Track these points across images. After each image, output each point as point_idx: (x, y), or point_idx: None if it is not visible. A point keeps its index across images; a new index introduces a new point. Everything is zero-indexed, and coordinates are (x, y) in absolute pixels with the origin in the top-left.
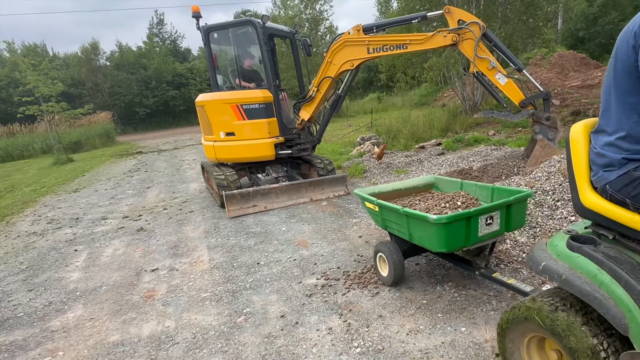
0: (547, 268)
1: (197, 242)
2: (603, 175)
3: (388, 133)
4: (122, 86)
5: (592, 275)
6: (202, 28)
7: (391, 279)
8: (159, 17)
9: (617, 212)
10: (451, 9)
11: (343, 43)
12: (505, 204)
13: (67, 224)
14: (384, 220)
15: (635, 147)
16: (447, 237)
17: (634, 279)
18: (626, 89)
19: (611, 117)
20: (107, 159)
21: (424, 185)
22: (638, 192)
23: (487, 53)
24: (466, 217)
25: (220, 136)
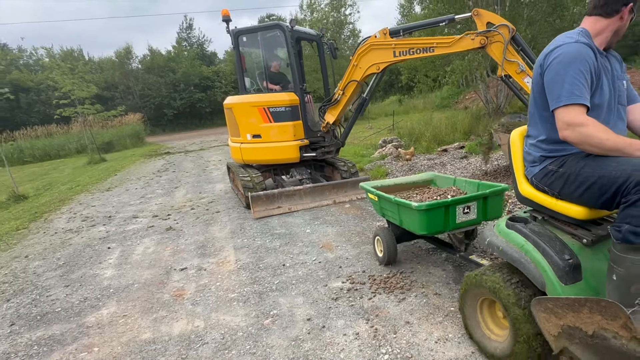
0: (490, 242)
1: (223, 242)
2: (530, 170)
3: (410, 136)
4: (152, 89)
5: (520, 246)
6: (232, 32)
7: (385, 258)
8: (188, 22)
9: (541, 198)
10: (480, 12)
11: (369, 46)
12: (481, 196)
13: (100, 221)
14: (382, 208)
15: (549, 147)
16: (427, 221)
17: (549, 248)
18: (541, 105)
19: (534, 125)
20: (137, 159)
21: (424, 181)
22: (552, 181)
23: (516, 56)
24: (444, 205)
25: (247, 138)
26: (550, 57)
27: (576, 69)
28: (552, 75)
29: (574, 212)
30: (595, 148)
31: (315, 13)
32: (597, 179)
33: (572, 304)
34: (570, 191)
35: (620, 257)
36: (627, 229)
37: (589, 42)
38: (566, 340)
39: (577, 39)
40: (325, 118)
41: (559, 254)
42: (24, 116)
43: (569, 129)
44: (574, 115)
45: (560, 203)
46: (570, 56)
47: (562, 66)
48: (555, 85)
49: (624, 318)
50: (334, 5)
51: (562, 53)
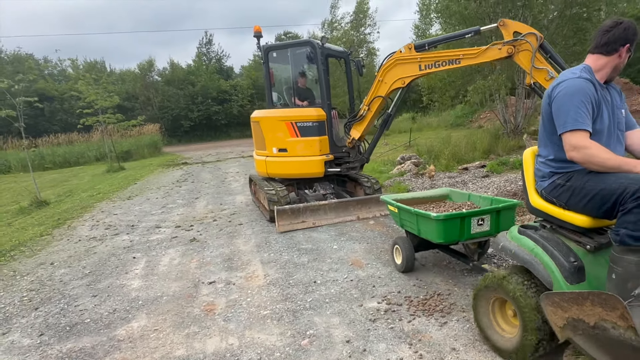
0: (504, 247)
1: (249, 256)
2: (540, 184)
3: (429, 153)
4: (171, 100)
5: (530, 249)
6: (262, 47)
7: (404, 266)
8: (208, 38)
9: (550, 208)
10: (506, 22)
11: (395, 61)
12: (494, 210)
13: (123, 230)
14: (401, 219)
15: (557, 165)
16: (444, 231)
17: (557, 251)
18: (550, 129)
19: (543, 146)
20: (155, 169)
21: (440, 195)
22: (560, 194)
23: (544, 64)
24: (460, 216)
25: (273, 152)
26: (556, 90)
27: (578, 100)
28: (559, 105)
29: (579, 221)
30: (598, 166)
31: (335, 32)
32: (599, 191)
33: (576, 298)
34: (575, 202)
35: (619, 257)
36: (624, 232)
37: (590, 77)
38: (570, 331)
39: (580, 74)
40: (351, 134)
41: (565, 257)
42: (46, 124)
43: (574, 151)
44: (579, 139)
45: (567, 213)
46: (574, 89)
47: (567, 97)
48: (561, 114)
49: (621, 309)
50: (354, 24)
51: (567, 86)
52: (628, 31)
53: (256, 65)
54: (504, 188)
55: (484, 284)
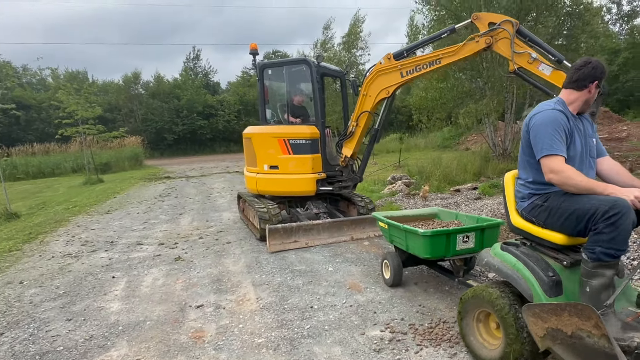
0: (487, 262)
1: (239, 277)
2: (520, 204)
3: (420, 174)
4: (155, 113)
5: (512, 265)
6: (258, 64)
7: (392, 280)
8: (196, 53)
9: (529, 227)
10: (479, 15)
11: (376, 73)
12: (479, 228)
13: (102, 247)
14: (391, 235)
15: (535, 186)
16: (431, 247)
17: (537, 266)
18: (528, 154)
19: (523, 169)
20: (137, 182)
21: (429, 214)
22: (538, 213)
23: (524, 47)
24: (446, 233)
25: (264, 168)
26: (533, 120)
27: (552, 128)
28: (535, 133)
29: (556, 239)
30: (573, 188)
31: (327, 52)
32: (573, 211)
33: (555, 309)
34: (553, 221)
35: (592, 272)
36: (600, 250)
37: (562, 109)
38: (550, 341)
39: (554, 107)
40: (343, 152)
41: (544, 271)
42: (21, 133)
43: (553, 174)
44: (556, 163)
45: (545, 231)
46: (548, 119)
47: (542, 127)
48: (538, 141)
49: (595, 319)
50: (346, 46)
51: (542, 117)
52: (596, 70)
53: (244, 81)
54: (498, 211)
55: (469, 297)
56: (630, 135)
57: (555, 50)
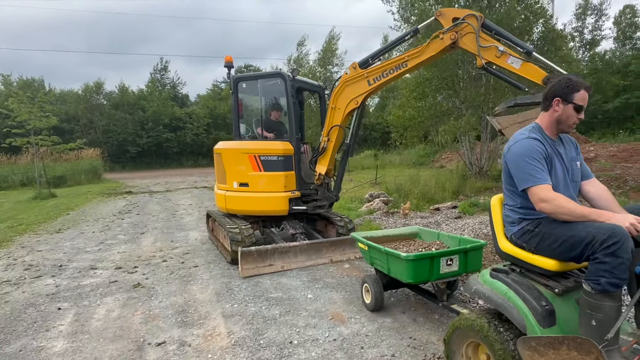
0: (477, 290)
1: (208, 306)
2: (510, 229)
3: (399, 192)
4: (118, 125)
5: (503, 293)
6: (232, 78)
7: (373, 305)
8: (164, 64)
9: (519, 253)
10: (442, 11)
11: (343, 84)
12: (462, 250)
13: (48, 272)
14: (371, 257)
15: (525, 211)
16: (414, 271)
17: (529, 295)
18: (510, 182)
19: (509, 195)
20: (94, 197)
21: (409, 234)
22: (529, 239)
23: (491, 41)
24: (429, 257)
25: (234, 186)
26: (510, 152)
27: (530, 157)
28: (514, 165)
29: (548, 265)
30: (567, 216)
31: (301, 68)
32: (568, 237)
33: (553, 342)
34: (544, 247)
35: (598, 304)
36: (605, 281)
37: (537, 135)
38: None
39: (529, 135)
40: (317, 170)
41: (537, 300)
42: None
43: (543, 203)
44: (545, 192)
45: (536, 257)
46: (523, 149)
47: (520, 157)
48: (518, 172)
49: (596, 353)
50: (321, 62)
51: (518, 147)
52: (556, 87)
53: (215, 94)
54: (480, 230)
55: (457, 326)
56: (597, 155)
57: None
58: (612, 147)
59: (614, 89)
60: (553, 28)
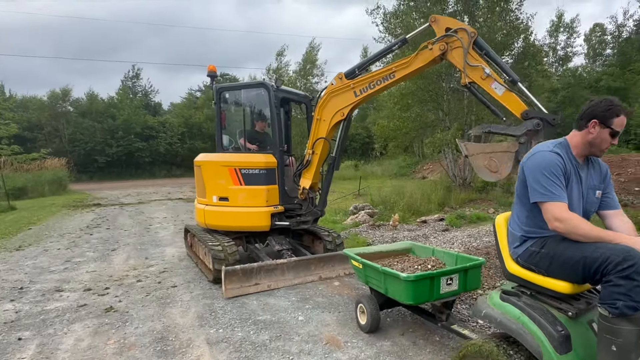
0: (487, 314)
1: (190, 332)
2: (514, 250)
3: (384, 204)
4: (85, 133)
5: (516, 318)
6: (215, 88)
7: (369, 326)
8: (136, 71)
9: (528, 275)
10: (437, 17)
11: (328, 95)
12: (463, 269)
13: (6, 295)
14: (366, 276)
15: (529, 229)
16: (414, 292)
17: (544, 320)
18: (522, 192)
19: (516, 211)
20: (59, 210)
21: (403, 249)
22: (537, 261)
23: (479, 61)
24: (430, 277)
25: (213, 200)
26: (530, 160)
27: (549, 172)
28: (532, 176)
29: (561, 288)
30: (582, 237)
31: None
32: (580, 258)
33: None
34: (556, 269)
35: (617, 329)
36: (622, 304)
37: (561, 151)
38: None
39: (552, 149)
40: (301, 184)
41: (553, 325)
42: None
43: (558, 222)
44: (560, 210)
45: (548, 280)
46: (544, 162)
47: (538, 170)
48: (534, 183)
49: None
50: (302, 73)
51: (537, 159)
52: (595, 108)
53: (190, 103)
54: (469, 244)
55: (466, 353)
56: None
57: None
58: None
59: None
60: (533, 43)
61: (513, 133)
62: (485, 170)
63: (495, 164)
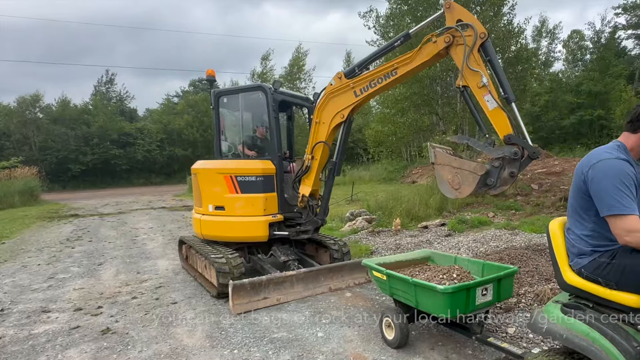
0: (550, 330)
1: (202, 355)
2: (577, 261)
3: (382, 209)
4: (57, 141)
5: (585, 334)
6: (213, 92)
7: (397, 341)
8: (109, 77)
9: (592, 287)
10: (453, 5)
11: (327, 96)
12: (497, 278)
13: None
14: (391, 288)
15: (597, 242)
16: (451, 304)
17: (617, 335)
18: (583, 206)
19: (576, 221)
20: (33, 222)
21: (422, 257)
22: (607, 273)
23: (481, 66)
24: (467, 288)
25: (209, 209)
26: (593, 170)
27: (619, 182)
28: (598, 187)
29: (631, 301)
30: None
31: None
32: None
33: None
34: (628, 281)
35: None
36: None
37: (626, 157)
38: None
39: (617, 155)
40: (300, 191)
41: (627, 341)
42: None
43: (629, 236)
44: (631, 223)
45: (616, 293)
46: (613, 171)
47: (607, 180)
48: (603, 196)
49: None
50: (288, 78)
51: (604, 167)
52: None
53: (168, 109)
54: (477, 249)
55: None
56: (564, 169)
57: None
58: (575, 160)
59: (569, 106)
60: (526, 47)
61: (489, 154)
62: (446, 185)
63: (458, 181)
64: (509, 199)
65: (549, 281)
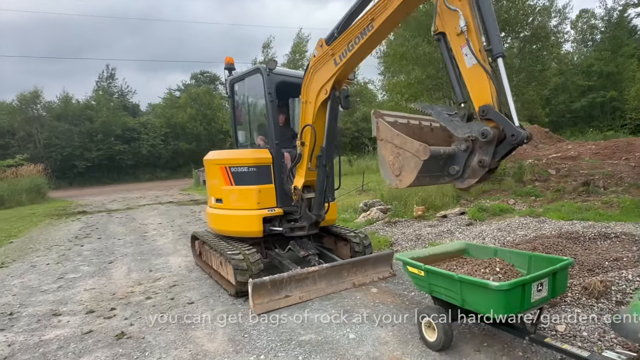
0: None
1: None
2: None
3: (399, 199)
4: (61, 138)
5: None
6: (227, 80)
7: (440, 344)
8: (110, 72)
9: None
10: None
11: (312, 71)
12: (552, 272)
13: None
14: (431, 285)
15: None
16: (506, 302)
17: None
18: None
19: None
20: (41, 220)
21: (457, 250)
22: None
23: (463, 4)
24: (522, 284)
25: (212, 202)
26: None
27: None
28: None
29: None
30: None
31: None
32: None
33: None
34: None
35: None
36: None
37: None
38: None
39: None
40: (294, 182)
41: None
42: None
43: None
44: None
45: None
46: None
47: None
48: None
49: None
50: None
51: None
52: None
53: (170, 103)
54: (503, 239)
55: None
56: (580, 154)
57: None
58: (589, 144)
59: (579, 89)
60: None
61: (454, 132)
62: (387, 167)
63: (398, 165)
64: (527, 185)
65: (592, 272)
